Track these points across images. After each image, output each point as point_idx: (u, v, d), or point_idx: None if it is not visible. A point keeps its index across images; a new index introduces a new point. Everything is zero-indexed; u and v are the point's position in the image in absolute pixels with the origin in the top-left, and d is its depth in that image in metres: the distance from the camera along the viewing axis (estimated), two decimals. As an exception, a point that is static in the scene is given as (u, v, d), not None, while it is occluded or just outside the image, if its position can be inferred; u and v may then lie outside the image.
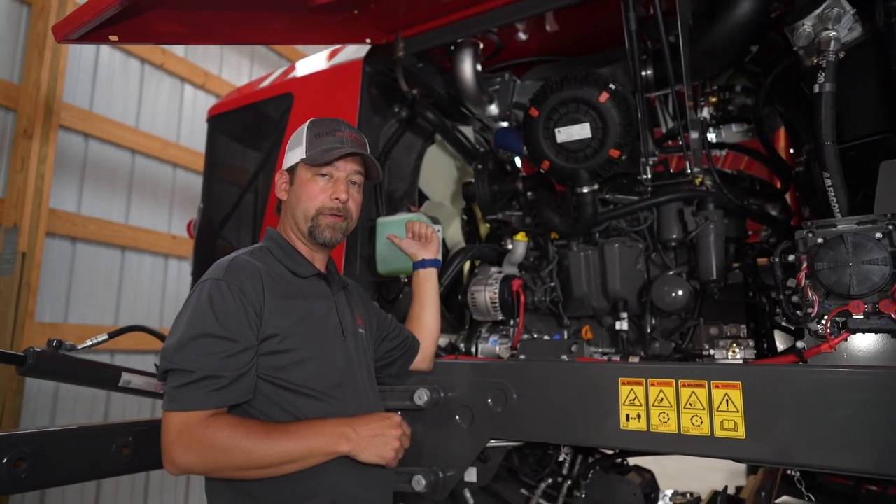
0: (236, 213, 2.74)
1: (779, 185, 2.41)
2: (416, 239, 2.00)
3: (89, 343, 1.84)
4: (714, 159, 3.35)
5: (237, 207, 2.74)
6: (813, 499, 2.04)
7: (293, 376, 1.43)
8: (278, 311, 1.44)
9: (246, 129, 2.84)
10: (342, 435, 1.40)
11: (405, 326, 1.94)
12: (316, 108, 2.47)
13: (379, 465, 1.47)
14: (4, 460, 1.45)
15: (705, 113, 2.25)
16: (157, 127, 4.95)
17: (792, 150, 2.51)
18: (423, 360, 1.93)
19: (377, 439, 1.44)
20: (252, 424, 1.35)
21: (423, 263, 1.98)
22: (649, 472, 2.45)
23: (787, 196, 2.43)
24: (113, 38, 1.67)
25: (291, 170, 1.64)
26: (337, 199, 1.58)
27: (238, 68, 5.77)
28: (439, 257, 2.02)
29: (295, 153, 1.63)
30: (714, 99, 2.29)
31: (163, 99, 5.04)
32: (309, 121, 1.67)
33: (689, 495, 2.18)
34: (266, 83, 2.79)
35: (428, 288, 1.97)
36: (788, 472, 2.40)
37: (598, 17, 2.21)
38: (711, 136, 2.73)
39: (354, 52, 2.51)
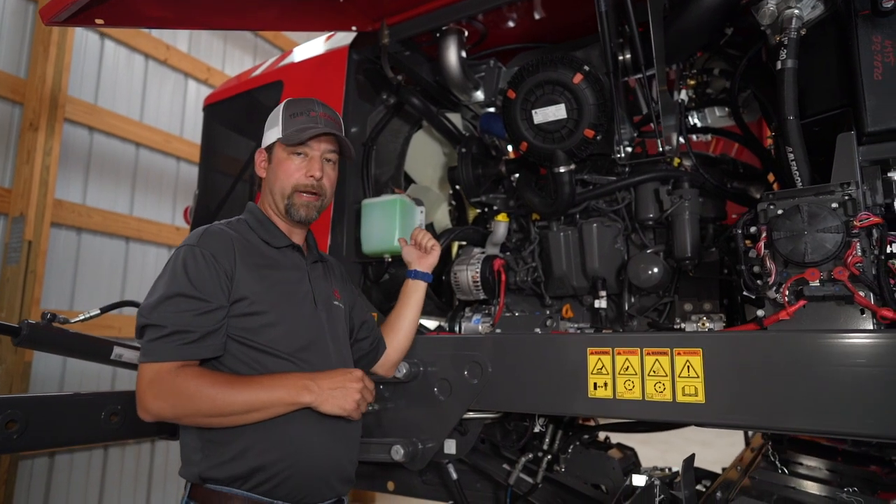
0: (230, 199, 2.82)
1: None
2: (417, 248, 2.03)
3: (82, 317, 1.92)
4: (703, 143, 3.42)
5: (231, 193, 2.81)
6: (786, 471, 2.08)
7: (261, 338, 1.51)
8: (249, 276, 1.52)
9: (239, 116, 2.92)
10: (304, 387, 1.47)
11: (380, 329, 1.97)
12: (304, 94, 2.53)
13: (342, 419, 1.54)
14: (-4, 421, 1.54)
15: (683, 95, 2.28)
16: (160, 121, 5.06)
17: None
18: (383, 365, 1.95)
19: (338, 391, 1.50)
20: (218, 375, 1.43)
21: (415, 274, 2.00)
22: (631, 449, 2.49)
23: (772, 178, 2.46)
24: (99, 21, 1.74)
25: (269, 149, 1.72)
26: (311, 176, 1.66)
27: (241, 63, 5.87)
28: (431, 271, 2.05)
29: (272, 133, 1.71)
30: (692, 82, 2.33)
31: (166, 93, 5.14)
32: (285, 101, 1.75)
33: (668, 470, 2.22)
34: (258, 72, 2.86)
35: (411, 300, 1.98)
36: (767, 452, 2.43)
37: (579, 2, 2.25)
38: (696, 120, 2.78)
39: (342, 39, 2.58)
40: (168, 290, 1.43)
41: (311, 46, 2.79)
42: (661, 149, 2.01)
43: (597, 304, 2.19)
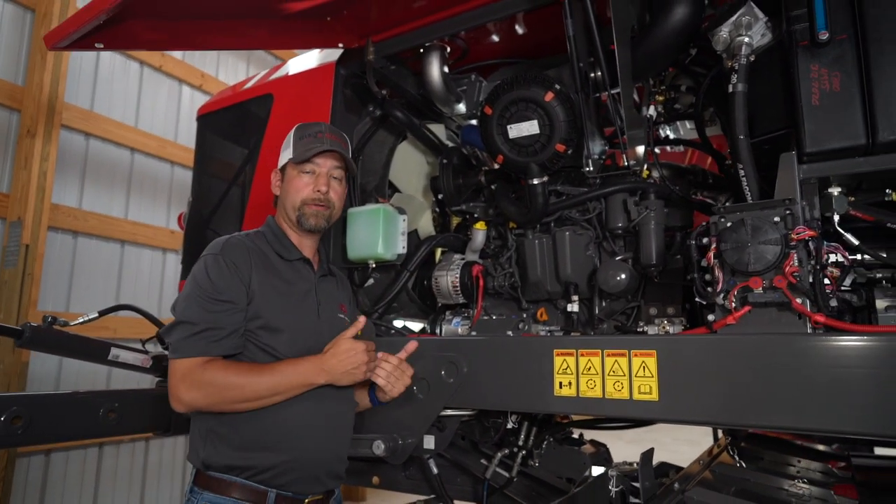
0: (223, 206, 2.94)
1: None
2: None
3: (81, 320, 2.04)
4: (679, 154, 3.55)
5: (223, 200, 2.93)
6: (744, 465, 2.21)
7: (264, 340, 1.67)
8: (261, 284, 1.70)
9: (232, 127, 3.04)
10: (318, 371, 1.66)
11: None
12: (293, 108, 2.67)
13: (334, 419, 1.75)
14: (2, 417, 1.65)
15: (651, 111, 2.41)
16: (155, 126, 5.17)
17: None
18: None
19: (350, 370, 1.69)
20: (242, 365, 1.61)
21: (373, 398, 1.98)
22: (604, 445, 2.62)
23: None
24: (98, 45, 1.86)
25: (282, 169, 1.91)
26: (318, 191, 1.84)
27: (235, 70, 5.98)
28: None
29: (284, 154, 1.90)
30: (661, 98, 2.46)
31: (161, 99, 5.25)
32: (295, 126, 1.92)
33: (635, 464, 2.35)
34: (249, 84, 2.98)
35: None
36: (730, 451, 2.57)
37: (554, 22, 2.38)
38: (668, 132, 2.92)
39: (330, 54, 2.71)
40: (198, 294, 1.61)
41: (301, 60, 2.92)
42: (626, 163, 2.14)
43: (569, 308, 2.31)
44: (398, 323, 2.65)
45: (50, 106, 4.19)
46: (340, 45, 2.54)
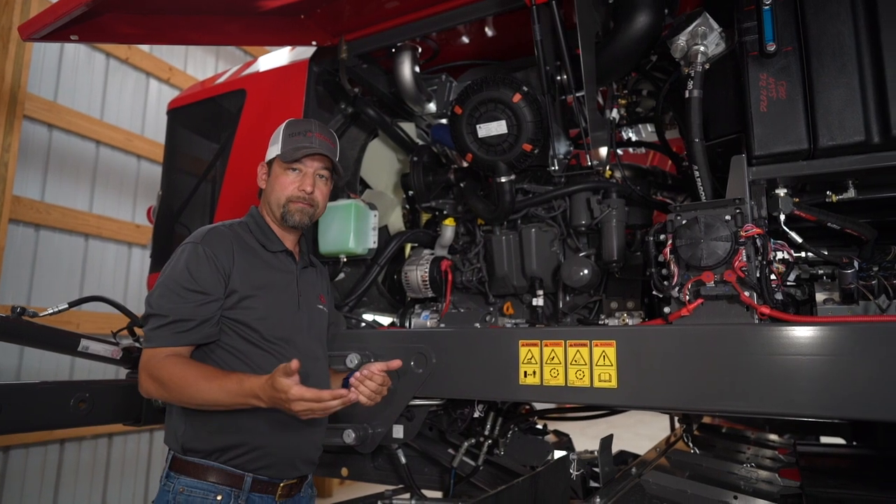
0: (193, 200, 2.94)
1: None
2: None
3: (50, 311, 2.04)
4: (641, 156, 3.68)
5: (194, 194, 2.94)
6: (697, 451, 2.33)
7: (246, 328, 1.71)
8: (243, 274, 1.73)
9: (203, 121, 3.04)
10: (254, 396, 1.53)
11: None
12: (266, 104, 2.69)
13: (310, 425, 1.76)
14: (-28, 407, 1.66)
15: (615, 114, 2.52)
16: (121, 119, 5.09)
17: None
18: None
19: (282, 408, 1.53)
20: (199, 368, 1.59)
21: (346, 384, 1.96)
22: (567, 435, 2.72)
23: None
24: (74, 37, 1.87)
25: (270, 163, 1.94)
26: (303, 190, 1.87)
27: (203, 64, 5.92)
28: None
29: (273, 149, 1.92)
30: (623, 101, 2.57)
31: (128, 92, 5.18)
32: (286, 121, 1.95)
33: (596, 453, 2.45)
34: (222, 79, 2.99)
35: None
36: (685, 439, 2.70)
37: (523, 27, 2.47)
38: (630, 134, 3.04)
39: (303, 52, 2.74)
40: (172, 283, 1.64)
41: (274, 57, 2.94)
42: (590, 163, 2.23)
43: (535, 302, 2.40)
44: (368, 317, 2.70)
45: (12, 96, 4.10)
46: (314, 42, 2.57)
